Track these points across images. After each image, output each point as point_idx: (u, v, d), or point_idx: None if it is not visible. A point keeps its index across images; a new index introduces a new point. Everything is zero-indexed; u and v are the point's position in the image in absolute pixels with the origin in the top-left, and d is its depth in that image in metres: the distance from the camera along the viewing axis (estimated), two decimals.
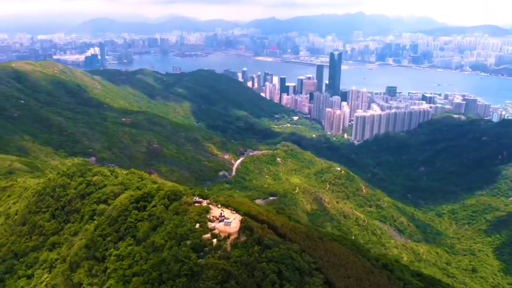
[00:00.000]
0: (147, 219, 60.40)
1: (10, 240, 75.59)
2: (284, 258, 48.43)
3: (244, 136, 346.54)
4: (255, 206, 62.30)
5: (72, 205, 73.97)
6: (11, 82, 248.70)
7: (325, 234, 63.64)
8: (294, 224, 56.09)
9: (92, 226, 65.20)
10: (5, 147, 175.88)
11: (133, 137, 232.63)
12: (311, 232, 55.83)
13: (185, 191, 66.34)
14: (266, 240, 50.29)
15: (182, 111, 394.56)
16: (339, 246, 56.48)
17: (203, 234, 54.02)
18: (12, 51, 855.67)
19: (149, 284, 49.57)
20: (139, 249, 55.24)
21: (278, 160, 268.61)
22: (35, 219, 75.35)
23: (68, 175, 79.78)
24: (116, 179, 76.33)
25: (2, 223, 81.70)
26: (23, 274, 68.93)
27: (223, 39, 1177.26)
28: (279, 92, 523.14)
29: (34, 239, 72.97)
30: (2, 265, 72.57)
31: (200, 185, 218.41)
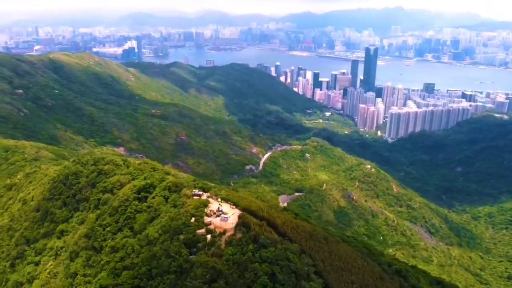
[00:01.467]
0: (145, 211, 58.53)
1: (23, 226, 76.12)
2: (279, 259, 44.89)
3: (274, 130, 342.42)
4: (257, 202, 58.37)
5: (83, 194, 73.40)
6: (47, 73, 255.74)
7: (333, 234, 59.28)
8: (298, 223, 52.07)
9: (94, 215, 64.16)
10: (37, 135, 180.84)
11: (162, 128, 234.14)
12: (316, 232, 51.72)
13: (186, 183, 63.92)
14: (262, 239, 46.92)
15: (213, 104, 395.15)
16: (347, 248, 52.18)
17: (198, 229, 51.26)
18: (55, 44, 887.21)
19: (138, 279, 47.46)
20: (134, 242, 53.27)
21: (307, 156, 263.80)
22: (47, 206, 75.42)
23: (82, 163, 79.36)
24: (127, 169, 75.05)
25: (19, 209, 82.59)
26: (32, 260, 69.04)
27: (257, 33, 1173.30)
28: (312, 87, 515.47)
29: (45, 226, 72.98)
30: (14, 250, 73.19)
31: (226, 178, 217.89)
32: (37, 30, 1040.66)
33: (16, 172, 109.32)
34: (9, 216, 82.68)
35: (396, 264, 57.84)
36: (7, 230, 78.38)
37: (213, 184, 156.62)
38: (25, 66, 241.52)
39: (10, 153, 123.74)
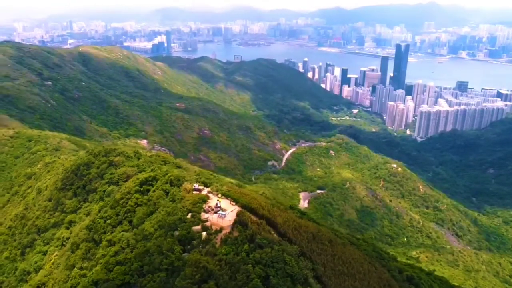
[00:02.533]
0: (146, 204, 56.92)
1: (35, 215, 76.43)
2: (275, 261, 41.89)
3: (299, 127, 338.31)
4: (259, 199, 55.39)
5: (92, 184, 72.82)
6: (76, 65, 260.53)
7: (341, 236, 55.75)
8: (301, 222, 48.78)
9: (97, 207, 63.26)
10: (63, 126, 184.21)
11: (185, 122, 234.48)
12: (321, 233, 48.37)
13: (189, 176, 61.88)
14: (259, 238, 44.07)
15: (239, 99, 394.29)
16: (354, 252, 48.65)
17: (193, 226, 49.00)
18: (88, 38, 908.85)
19: (129, 275, 45.69)
20: (130, 236, 51.61)
21: (331, 153, 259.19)
22: (59, 196, 75.39)
23: (94, 154, 78.89)
24: (137, 161, 73.92)
25: (33, 197, 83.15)
26: (40, 250, 69.05)
27: (286, 29, 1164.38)
28: (340, 83, 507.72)
29: (55, 215, 72.92)
30: (25, 239, 73.56)
31: (248, 173, 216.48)
32: (72, 24, 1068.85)
33: (36, 162, 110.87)
34: (24, 204, 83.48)
35: (408, 270, 53.81)
36: (21, 219, 79.05)
37: (228, 179, 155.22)
38: (55, 59, 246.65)
39: (33, 142, 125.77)
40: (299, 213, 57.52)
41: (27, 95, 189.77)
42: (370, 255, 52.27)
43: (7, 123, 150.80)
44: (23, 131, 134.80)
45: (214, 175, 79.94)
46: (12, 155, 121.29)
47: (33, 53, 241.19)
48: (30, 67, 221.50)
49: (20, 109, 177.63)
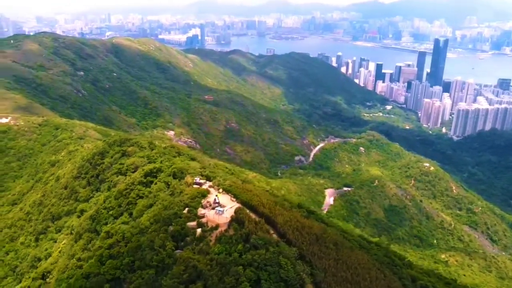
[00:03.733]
0: (146, 197, 55.28)
1: (51, 202, 76.89)
2: (268, 263, 38.64)
3: (330, 122, 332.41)
4: (262, 195, 53.18)
5: (105, 174, 72.26)
6: (109, 56, 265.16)
7: (350, 238, 51.69)
8: (305, 222, 44.85)
9: (103, 197, 62.36)
10: (92, 115, 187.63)
11: (213, 114, 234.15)
12: (326, 234, 44.45)
13: (193, 169, 59.62)
14: (254, 238, 41.14)
15: (269, 92, 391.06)
16: (362, 257, 44.67)
17: (189, 221, 46.70)
18: (125, 30, 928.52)
19: (120, 270, 43.96)
20: (127, 229, 49.98)
21: (361, 150, 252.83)
22: (74, 184, 75.45)
23: (109, 144, 78.39)
24: (150, 152, 72.66)
25: (52, 185, 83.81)
26: (52, 237, 69.28)
27: (321, 23, 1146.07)
28: (374, 79, 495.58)
29: (69, 203, 72.98)
30: (40, 225, 74.13)
31: (274, 167, 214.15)
32: (110, 17, 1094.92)
33: (61, 150, 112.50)
34: (42, 191, 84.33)
35: (423, 279, 49.30)
36: (38, 205, 79.88)
37: (252, 173, 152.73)
38: (88, 50, 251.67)
39: (59, 131, 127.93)
40: (307, 212, 54.11)
41: (59, 85, 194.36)
42: (380, 260, 48.15)
43: (38, 111, 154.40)
44: (51, 119, 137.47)
45: (229, 169, 77.45)
46: (39, 143, 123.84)
47: (68, 43, 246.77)
48: (64, 58, 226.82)
49: (52, 98, 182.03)
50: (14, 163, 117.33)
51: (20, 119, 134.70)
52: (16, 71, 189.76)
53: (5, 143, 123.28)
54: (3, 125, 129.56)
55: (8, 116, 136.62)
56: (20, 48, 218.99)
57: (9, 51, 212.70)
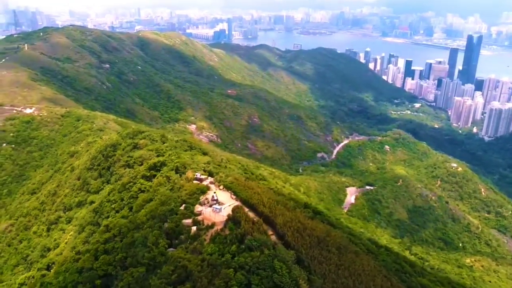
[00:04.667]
0: (147, 191, 53.91)
1: (65, 193, 77.18)
2: (261, 267, 36.02)
3: (355, 119, 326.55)
4: (265, 193, 50.79)
5: (115, 166, 71.68)
6: (134, 49, 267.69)
7: (358, 241, 48.56)
8: (307, 224, 42.03)
9: (108, 189, 61.59)
10: (115, 108, 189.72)
11: (235, 109, 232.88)
12: (330, 237, 41.48)
13: (196, 164, 57.81)
14: (249, 240, 38.69)
15: (295, 88, 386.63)
16: (368, 262, 41.50)
17: (184, 219, 44.96)
18: (154, 25, 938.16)
19: (112, 266, 42.84)
20: (124, 223, 48.71)
21: (386, 148, 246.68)
22: (86, 176, 75.38)
23: (122, 136, 77.88)
24: (161, 145, 71.58)
25: (67, 175, 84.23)
26: (61, 227, 69.34)
27: (349, 18, 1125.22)
28: (403, 76, 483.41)
29: (81, 195, 72.92)
30: (52, 215, 74.46)
31: (295, 164, 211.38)
32: (139, 11, 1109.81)
33: (80, 141, 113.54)
34: (58, 181, 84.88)
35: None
36: (52, 195, 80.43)
37: (269, 169, 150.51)
38: (114, 43, 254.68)
39: (81, 122, 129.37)
40: (313, 212, 51.26)
41: (85, 77, 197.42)
42: (388, 267, 44.95)
43: (63, 103, 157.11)
44: (73, 111, 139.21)
45: (242, 164, 75.48)
46: (61, 133, 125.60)
47: (95, 36, 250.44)
48: (90, 50, 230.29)
49: (77, 89, 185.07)
50: (36, 153, 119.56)
51: (43, 109, 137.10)
52: (44, 63, 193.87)
53: (28, 133, 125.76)
54: (28, 116, 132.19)
55: (32, 106, 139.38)
56: (49, 41, 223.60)
57: (38, 44, 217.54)
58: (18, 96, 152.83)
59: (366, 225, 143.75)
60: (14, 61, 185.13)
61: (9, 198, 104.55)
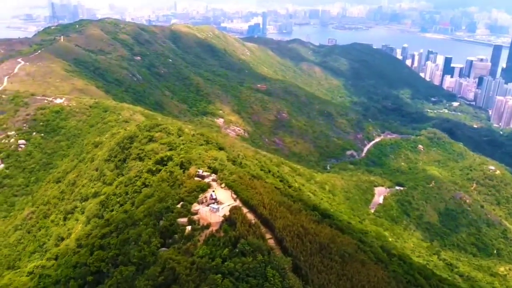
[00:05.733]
0: (150, 186, 52.38)
1: (83, 183, 77.63)
2: (252, 274, 33.44)
3: (388, 116, 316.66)
4: (268, 194, 47.88)
5: (129, 159, 71.10)
6: (166, 42, 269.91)
7: (367, 249, 44.75)
8: (310, 229, 38.83)
9: (116, 182, 60.77)
10: (144, 100, 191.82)
11: (264, 104, 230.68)
12: (335, 244, 38.29)
13: (201, 160, 55.66)
14: (242, 243, 36.02)
15: (327, 83, 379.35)
16: (376, 272, 37.83)
17: (180, 217, 42.99)
18: (189, 18, 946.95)
19: (104, 262, 41.62)
20: (123, 219, 47.40)
21: (419, 148, 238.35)
22: (103, 167, 75.40)
23: (140, 128, 77.36)
24: (177, 138, 70.32)
25: (87, 165, 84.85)
26: (76, 218, 69.57)
27: (387, 13, 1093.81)
28: (441, 73, 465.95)
29: (97, 186, 72.98)
30: (69, 205, 75.05)
31: (323, 161, 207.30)
32: (176, 5, 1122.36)
33: (105, 132, 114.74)
34: (78, 171, 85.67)
35: None
36: (72, 185, 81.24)
37: (293, 165, 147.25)
38: (146, 35, 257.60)
39: (108, 113, 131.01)
40: (321, 215, 47.80)
41: (116, 69, 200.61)
42: (399, 278, 41.19)
43: (93, 94, 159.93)
44: (101, 102, 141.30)
45: (259, 161, 73.07)
46: (88, 124, 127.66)
47: (128, 29, 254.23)
48: (123, 43, 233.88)
49: (108, 81, 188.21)
50: (63, 142, 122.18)
51: (73, 100, 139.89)
52: (77, 55, 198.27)
53: (57, 123, 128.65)
54: (57, 106, 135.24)
55: (63, 97, 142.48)
56: (84, 33, 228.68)
57: (73, 35, 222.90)
58: (51, 87, 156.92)
59: (392, 227, 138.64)
60: (49, 53, 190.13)
61: (36, 186, 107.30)
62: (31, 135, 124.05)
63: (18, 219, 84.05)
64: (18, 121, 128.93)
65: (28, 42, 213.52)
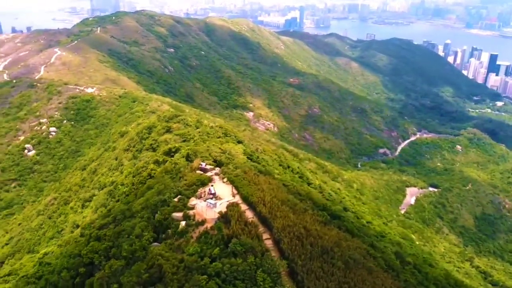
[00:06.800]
0: (154, 177, 50.66)
1: (102, 171, 77.75)
2: (240, 277, 30.86)
3: (426, 115, 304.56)
4: (271, 190, 44.82)
5: (144, 149, 70.21)
6: (200, 35, 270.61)
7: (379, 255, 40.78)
8: (313, 230, 35.22)
9: (125, 173, 59.73)
10: (175, 91, 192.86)
11: (295, 98, 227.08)
12: (340, 248, 34.70)
13: (208, 153, 53.31)
14: (234, 243, 33.46)
15: (363, 79, 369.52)
16: (383, 282, 33.83)
17: (175, 212, 40.93)
18: (226, 12, 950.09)
19: (97, 254, 40.10)
20: (122, 210, 45.87)
21: (457, 148, 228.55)
22: (122, 156, 75.17)
23: (159, 118, 76.50)
24: (194, 130, 68.76)
25: (109, 154, 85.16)
26: (92, 206, 69.41)
27: (430, 7, 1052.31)
28: (486, 71, 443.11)
29: (115, 175, 72.72)
30: (88, 193, 75.36)
31: (353, 158, 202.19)
32: None
33: (132, 122, 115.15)
34: (99, 159, 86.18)
35: None
36: (92, 173, 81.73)
37: (323, 162, 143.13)
38: (181, 28, 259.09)
39: (136, 103, 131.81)
40: (330, 216, 44.23)
41: (149, 60, 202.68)
42: None
43: (124, 84, 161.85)
44: (131, 92, 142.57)
45: (278, 155, 70.41)
46: (116, 113, 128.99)
47: (163, 21, 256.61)
48: (157, 35, 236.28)
49: (140, 72, 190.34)
50: (92, 130, 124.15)
51: (103, 90, 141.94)
52: (112, 46, 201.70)
53: (87, 112, 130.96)
54: (88, 95, 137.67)
55: (94, 86, 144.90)
56: (119, 25, 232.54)
57: (110, 27, 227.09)
58: (84, 76, 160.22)
59: (422, 230, 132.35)
60: (85, 43, 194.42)
61: (63, 172, 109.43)
62: (62, 123, 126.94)
63: (41, 204, 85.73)
64: (51, 109, 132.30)
65: (66, 33, 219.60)
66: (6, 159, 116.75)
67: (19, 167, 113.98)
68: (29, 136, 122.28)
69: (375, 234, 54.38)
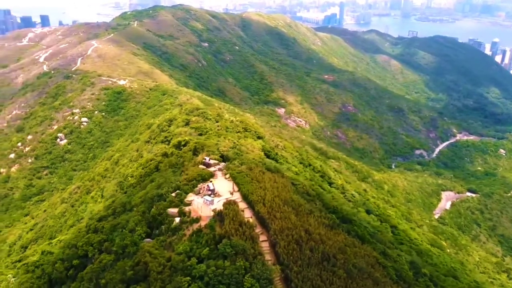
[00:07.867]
0: (158, 170, 48.95)
1: (123, 162, 77.75)
2: (225, 281, 28.56)
3: (468, 116, 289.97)
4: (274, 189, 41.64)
5: (159, 141, 69.23)
6: (235, 30, 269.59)
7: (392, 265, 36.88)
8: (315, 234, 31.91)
9: (136, 164, 58.67)
10: (207, 85, 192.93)
11: (329, 95, 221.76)
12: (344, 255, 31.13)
13: (215, 147, 50.96)
14: (223, 245, 31.09)
15: (402, 78, 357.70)
16: None
17: (171, 207, 38.86)
18: (265, 7, 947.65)
19: (92, 247, 38.82)
20: (123, 202, 44.37)
21: (501, 152, 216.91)
22: (143, 148, 74.77)
23: (181, 112, 75.45)
24: (214, 124, 67.07)
25: (132, 147, 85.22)
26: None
27: (478, 4, 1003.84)
28: None
29: (134, 166, 72.29)
30: (107, 183, 75.46)
31: (388, 159, 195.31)
32: None
33: (159, 114, 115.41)
34: (122, 151, 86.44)
35: None
36: (115, 163, 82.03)
37: (352, 161, 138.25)
38: (216, 22, 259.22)
39: (165, 96, 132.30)
40: (341, 220, 40.72)
41: (182, 54, 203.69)
42: None
43: (156, 77, 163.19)
44: (161, 85, 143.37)
45: (300, 153, 67.57)
46: (146, 106, 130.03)
47: (198, 16, 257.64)
48: (192, 29, 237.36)
49: (173, 65, 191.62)
50: (121, 122, 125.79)
51: (135, 82, 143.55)
52: (147, 39, 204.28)
53: (118, 104, 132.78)
54: (120, 87, 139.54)
55: (126, 78, 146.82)
56: (156, 18, 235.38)
57: (146, 21, 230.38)
58: (118, 69, 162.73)
59: (455, 237, 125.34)
60: (121, 36, 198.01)
61: (92, 162, 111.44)
62: (93, 113, 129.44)
63: (66, 192, 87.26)
64: (84, 100, 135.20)
65: (105, 26, 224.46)
66: (39, 147, 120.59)
67: (51, 155, 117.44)
68: (62, 126, 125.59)
69: (390, 240, 50.58)
